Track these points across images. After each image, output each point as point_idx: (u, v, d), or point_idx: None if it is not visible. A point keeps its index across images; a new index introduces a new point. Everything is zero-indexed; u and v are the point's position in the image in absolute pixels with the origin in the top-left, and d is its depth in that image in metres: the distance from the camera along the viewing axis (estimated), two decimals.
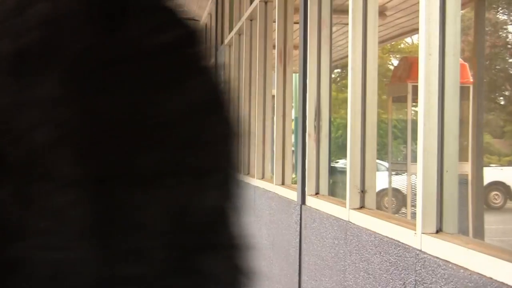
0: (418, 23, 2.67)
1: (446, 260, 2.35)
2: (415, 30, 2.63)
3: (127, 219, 0.75)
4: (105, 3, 0.77)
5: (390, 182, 10.07)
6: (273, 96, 5.98)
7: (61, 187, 0.74)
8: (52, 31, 0.75)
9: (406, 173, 9.78)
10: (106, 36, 0.76)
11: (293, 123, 6.06)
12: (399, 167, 12.34)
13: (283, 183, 5.51)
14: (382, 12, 9.08)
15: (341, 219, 3.63)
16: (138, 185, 0.76)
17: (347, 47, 3.60)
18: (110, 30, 0.76)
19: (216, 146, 0.82)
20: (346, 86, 3.63)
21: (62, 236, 0.74)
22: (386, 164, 11.50)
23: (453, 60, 2.58)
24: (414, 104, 8.14)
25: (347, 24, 3.60)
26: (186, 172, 0.78)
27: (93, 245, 0.74)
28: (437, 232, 2.58)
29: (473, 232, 5.17)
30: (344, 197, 3.64)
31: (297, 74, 4.86)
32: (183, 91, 0.78)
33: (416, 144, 2.72)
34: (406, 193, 10.41)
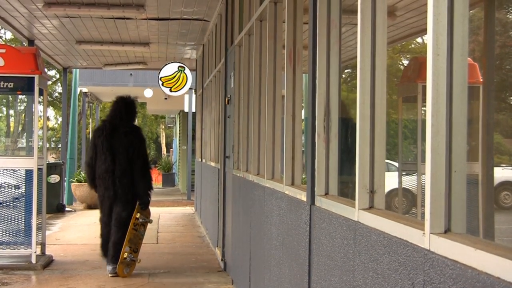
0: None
1: (454, 260, 2.36)
2: (426, 30, 2.63)
3: None
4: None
5: (400, 182, 10.04)
6: (283, 96, 5.98)
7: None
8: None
9: (416, 173, 9.75)
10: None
11: (303, 123, 6.06)
12: (409, 167, 12.29)
13: (292, 184, 5.51)
14: (392, 12, 9.07)
15: (350, 219, 3.64)
16: None
17: (357, 47, 3.60)
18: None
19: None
20: (356, 87, 3.63)
21: None
22: (396, 164, 11.47)
23: (461, 60, 2.59)
24: (424, 104, 8.10)
25: (357, 24, 3.60)
26: None
27: None
28: (445, 232, 2.58)
29: (483, 232, 5.15)
30: (353, 197, 3.64)
31: (307, 75, 4.86)
32: None
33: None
34: (416, 193, 10.38)
